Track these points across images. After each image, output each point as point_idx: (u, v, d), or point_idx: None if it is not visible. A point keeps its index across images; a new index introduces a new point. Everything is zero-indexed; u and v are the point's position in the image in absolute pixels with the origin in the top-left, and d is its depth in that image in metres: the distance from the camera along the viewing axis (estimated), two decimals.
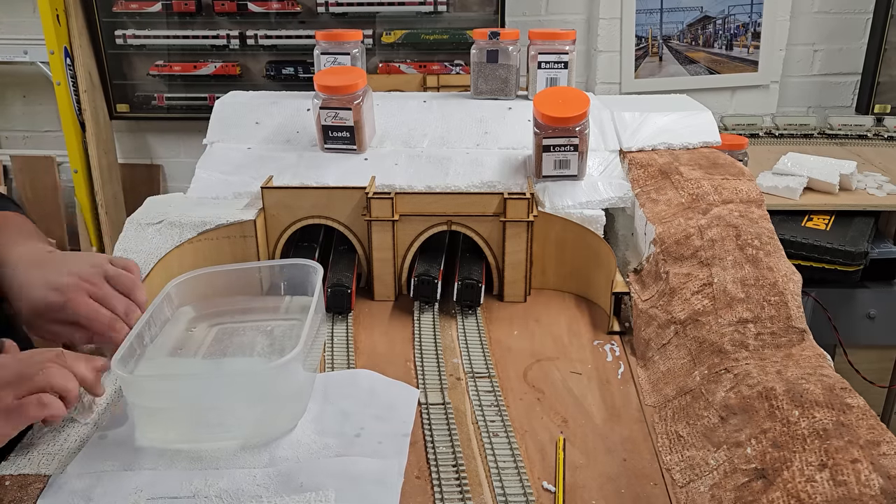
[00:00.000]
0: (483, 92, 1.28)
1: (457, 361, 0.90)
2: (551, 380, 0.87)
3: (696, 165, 1.07)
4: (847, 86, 2.40)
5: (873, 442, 0.62)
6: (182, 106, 2.39)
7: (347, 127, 1.11)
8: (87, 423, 0.77)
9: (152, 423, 0.75)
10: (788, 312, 0.81)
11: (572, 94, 1.06)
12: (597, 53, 2.31)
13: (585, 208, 1.05)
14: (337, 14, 2.26)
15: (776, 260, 0.88)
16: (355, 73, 1.14)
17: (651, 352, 0.88)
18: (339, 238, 1.06)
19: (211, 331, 0.87)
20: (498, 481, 0.71)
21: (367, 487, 0.69)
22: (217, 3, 2.24)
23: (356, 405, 0.80)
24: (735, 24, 2.32)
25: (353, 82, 1.10)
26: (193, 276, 0.87)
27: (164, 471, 0.71)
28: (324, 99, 1.11)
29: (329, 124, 1.11)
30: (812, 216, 1.78)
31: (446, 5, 2.23)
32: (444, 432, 0.78)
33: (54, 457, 0.73)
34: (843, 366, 1.77)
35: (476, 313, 1.00)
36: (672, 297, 0.88)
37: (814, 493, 0.59)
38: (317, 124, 1.13)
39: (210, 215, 1.02)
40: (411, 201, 1.01)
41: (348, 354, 0.91)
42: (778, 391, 0.69)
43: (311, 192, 1.03)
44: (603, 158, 1.13)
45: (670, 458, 0.74)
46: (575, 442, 0.77)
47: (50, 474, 0.71)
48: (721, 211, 0.95)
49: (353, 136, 1.12)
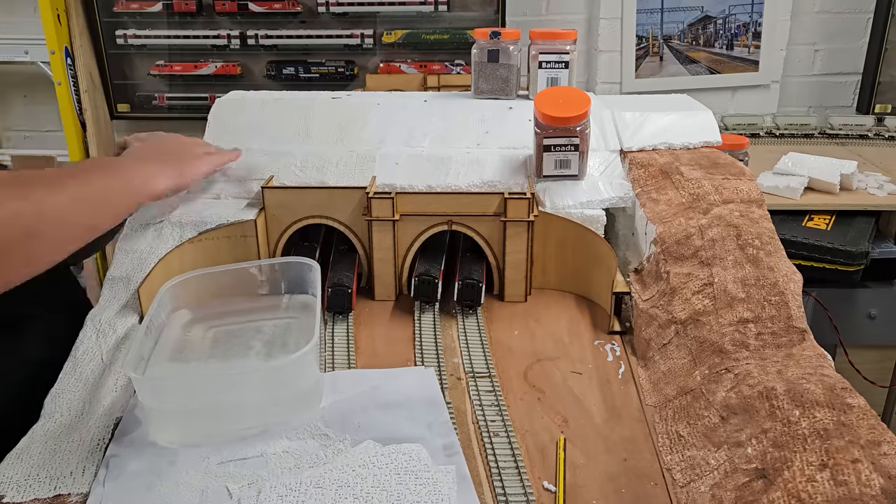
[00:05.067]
0: (484, 91, 1.28)
1: (457, 361, 0.90)
2: (552, 379, 0.87)
3: (696, 165, 1.07)
4: (848, 86, 2.40)
5: (874, 442, 0.62)
6: (183, 106, 2.39)
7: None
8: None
9: (170, 425, 0.75)
10: (789, 312, 0.81)
11: (573, 94, 1.06)
12: (597, 53, 2.31)
13: (586, 208, 1.05)
14: (337, 14, 2.26)
15: (777, 260, 0.88)
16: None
17: (651, 352, 0.88)
18: (339, 238, 1.06)
19: (209, 333, 0.87)
20: (498, 481, 0.71)
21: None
22: (218, 2, 2.24)
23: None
24: (736, 24, 2.32)
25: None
26: (185, 279, 0.87)
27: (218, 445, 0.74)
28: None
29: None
30: (813, 216, 1.78)
31: (447, 5, 2.22)
32: None
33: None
34: (844, 366, 1.77)
35: (476, 313, 1.00)
36: (672, 297, 0.88)
37: (814, 493, 0.59)
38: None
39: (210, 215, 1.02)
40: (412, 201, 1.01)
41: (349, 354, 0.91)
42: (778, 391, 0.69)
43: (311, 191, 1.03)
44: (603, 158, 1.13)
45: (671, 457, 0.74)
46: (575, 442, 0.77)
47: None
48: (722, 211, 0.95)
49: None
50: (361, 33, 2.28)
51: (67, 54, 2.20)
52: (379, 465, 0.68)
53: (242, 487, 0.68)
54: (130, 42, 2.30)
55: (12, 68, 2.41)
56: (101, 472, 0.71)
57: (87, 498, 0.69)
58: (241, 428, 0.75)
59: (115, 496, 0.68)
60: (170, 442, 0.74)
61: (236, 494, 0.67)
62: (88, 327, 0.93)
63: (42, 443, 0.75)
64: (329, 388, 0.81)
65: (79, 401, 0.81)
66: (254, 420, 0.75)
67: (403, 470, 0.68)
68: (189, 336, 0.86)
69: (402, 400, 0.79)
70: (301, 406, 0.77)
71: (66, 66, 2.20)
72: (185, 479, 0.70)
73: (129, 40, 2.30)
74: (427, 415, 0.77)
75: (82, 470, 0.72)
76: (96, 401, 0.81)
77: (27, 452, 0.74)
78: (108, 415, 0.79)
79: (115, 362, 0.87)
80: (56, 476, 0.71)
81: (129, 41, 2.30)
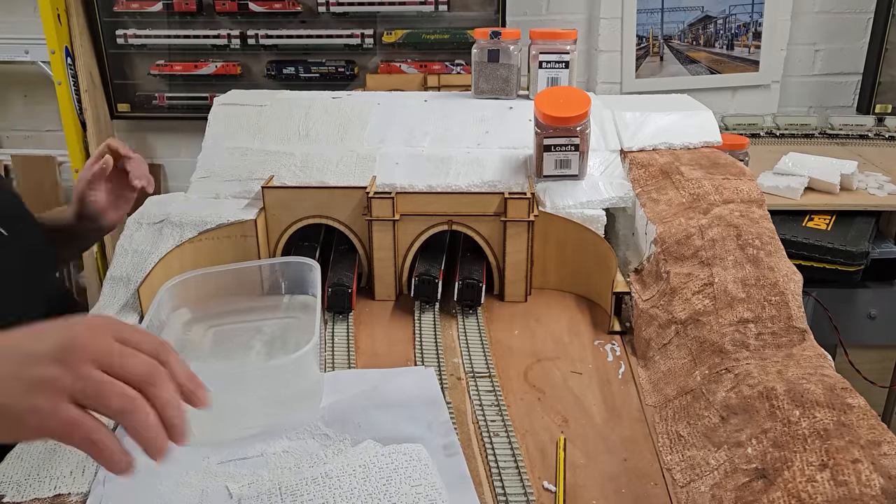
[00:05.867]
0: (484, 91, 1.28)
1: (457, 361, 0.90)
2: (552, 379, 0.87)
3: (696, 165, 1.07)
4: (848, 86, 2.40)
5: (874, 442, 0.62)
6: (183, 105, 2.39)
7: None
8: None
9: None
10: (789, 312, 0.81)
11: (573, 94, 1.06)
12: (598, 53, 2.31)
13: (586, 208, 1.05)
14: (338, 14, 2.26)
15: (777, 260, 0.88)
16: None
17: (652, 352, 0.88)
18: (339, 238, 1.06)
19: (209, 332, 0.87)
20: (498, 481, 0.71)
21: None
22: (218, 2, 2.24)
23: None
24: (736, 24, 2.32)
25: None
26: (185, 278, 0.87)
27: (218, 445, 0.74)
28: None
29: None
30: (813, 216, 1.78)
31: (447, 5, 2.23)
32: None
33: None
34: (844, 366, 1.76)
35: (477, 313, 1.00)
36: (673, 297, 0.88)
37: (814, 494, 0.59)
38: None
39: (210, 215, 1.02)
40: (412, 201, 1.01)
41: (349, 354, 0.91)
42: (779, 391, 0.69)
43: (311, 191, 1.03)
44: (604, 158, 1.13)
45: (671, 457, 0.74)
46: (575, 442, 0.77)
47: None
48: (722, 211, 0.95)
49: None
50: (361, 33, 2.28)
51: (68, 54, 2.20)
52: (379, 466, 0.68)
53: (242, 487, 0.68)
54: (130, 42, 2.31)
55: (12, 68, 2.41)
56: (100, 472, 0.71)
57: (87, 498, 0.68)
58: (241, 428, 0.75)
59: (115, 496, 0.68)
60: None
61: (236, 494, 0.67)
62: None
63: (42, 442, 0.75)
64: (329, 388, 0.81)
65: None
66: (254, 420, 0.75)
67: (403, 470, 0.68)
68: (189, 336, 0.86)
69: (402, 400, 0.79)
70: (301, 406, 0.77)
71: (67, 65, 2.20)
72: (185, 478, 0.70)
73: (129, 40, 2.30)
74: (427, 415, 0.77)
75: (82, 470, 0.72)
76: None
77: (27, 452, 0.74)
78: None
79: None
80: (56, 476, 0.71)
81: (129, 41, 2.30)
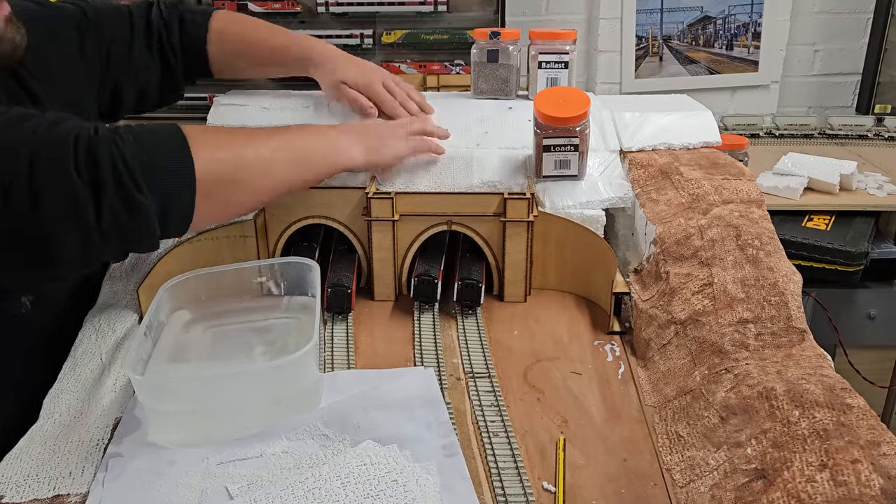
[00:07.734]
0: (483, 92, 1.28)
1: (457, 361, 0.90)
2: (551, 380, 0.87)
3: (696, 165, 1.07)
4: (847, 86, 2.40)
5: (874, 442, 0.62)
6: (182, 105, 2.37)
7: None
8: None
9: (169, 425, 0.75)
10: (789, 312, 0.81)
11: (573, 94, 1.06)
12: (597, 53, 2.31)
13: (586, 208, 1.05)
14: (337, 14, 2.26)
15: (776, 260, 0.88)
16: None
17: (651, 352, 0.88)
18: (339, 238, 1.06)
19: (208, 333, 0.87)
20: (498, 481, 0.71)
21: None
22: (217, 2, 2.24)
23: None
24: (735, 24, 2.32)
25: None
26: (184, 279, 0.87)
27: (217, 446, 0.74)
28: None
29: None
30: (812, 216, 1.78)
31: (446, 5, 2.22)
32: None
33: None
34: (844, 366, 1.76)
35: (476, 313, 1.00)
36: (672, 298, 0.88)
37: (814, 494, 0.59)
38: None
39: None
40: (411, 201, 1.01)
41: (348, 354, 0.91)
42: (778, 391, 0.69)
43: (311, 191, 1.03)
44: (603, 158, 1.13)
45: (670, 458, 0.74)
46: (575, 442, 0.77)
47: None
48: (721, 211, 0.95)
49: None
50: (361, 33, 2.28)
51: None
52: (378, 466, 0.68)
53: (242, 487, 0.68)
54: None
55: None
56: (100, 472, 0.71)
57: (87, 498, 0.68)
58: (240, 428, 0.75)
59: (115, 496, 0.68)
60: (169, 442, 0.74)
61: (236, 494, 0.67)
62: (87, 327, 0.93)
63: (41, 443, 0.75)
64: (329, 388, 0.81)
65: (78, 401, 0.81)
66: (253, 420, 0.75)
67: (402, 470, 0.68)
68: (188, 336, 0.86)
69: (402, 400, 0.79)
70: (301, 406, 0.77)
71: None
72: (184, 479, 0.70)
73: None
74: (427, 415, 0.77)
75: (81, 470, 0.72)
76: (95, 401, 0.81)
77: (26, 453, 0.74)
78: (107, 415, 0.79)
79: (115, 362, 0.87)
80: (55, 476, 0.71)
81: None
